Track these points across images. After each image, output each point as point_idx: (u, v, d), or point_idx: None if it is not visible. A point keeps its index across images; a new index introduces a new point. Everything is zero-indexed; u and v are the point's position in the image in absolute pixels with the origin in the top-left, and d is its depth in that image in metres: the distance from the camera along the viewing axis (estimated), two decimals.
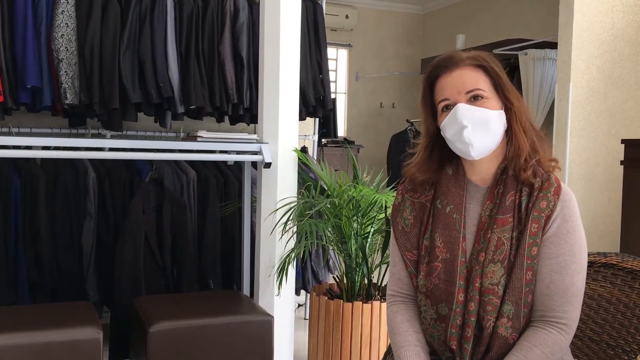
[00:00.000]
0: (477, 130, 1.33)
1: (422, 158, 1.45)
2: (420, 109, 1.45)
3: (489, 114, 1.34)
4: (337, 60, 7.59)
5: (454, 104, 1.35)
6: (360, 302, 2.52)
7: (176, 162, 3.13)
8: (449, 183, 1.42)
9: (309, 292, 3.41)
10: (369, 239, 2.61)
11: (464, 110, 1.33)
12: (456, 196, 1.40)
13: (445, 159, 1.44)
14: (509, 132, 1.37)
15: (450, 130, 1.36)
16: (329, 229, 2.63)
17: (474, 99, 1.35)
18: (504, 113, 1.37)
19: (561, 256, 1.31)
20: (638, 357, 1.43)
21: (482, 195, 1.39)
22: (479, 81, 1.36)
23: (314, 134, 3.83)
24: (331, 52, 7.26)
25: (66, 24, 2.78)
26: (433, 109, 1.42)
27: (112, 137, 3.22)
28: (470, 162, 1.40)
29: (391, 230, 1.49)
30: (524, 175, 1.34)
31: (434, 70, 1.40)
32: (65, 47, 2.78)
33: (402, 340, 1.40)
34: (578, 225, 1.34)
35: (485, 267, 1.32)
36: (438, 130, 1.41)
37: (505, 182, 1.36)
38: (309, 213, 2.55)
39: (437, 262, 1.37)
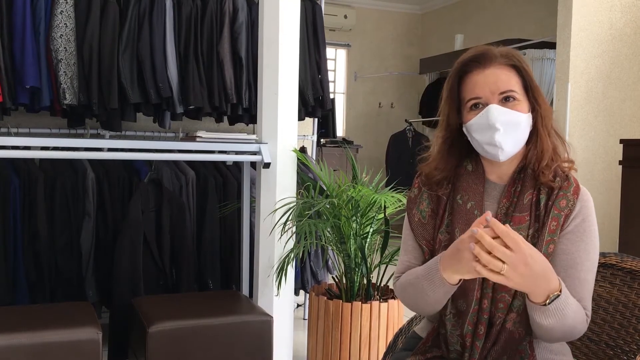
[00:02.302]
0: (508, 133, 1.30)
1: (440, 154, 1.42)
2: (443, 102, 1.40)
3: (520, 117, 1.32)
4: (336, 60, 7.59)
5: (485, 104, 1.32)
6: (360, 302, 2.52)
7: (175, 163, 3.12)
8: (470, 179, 1.40)
9: (308, 292, 3.41)
10: (368, 239, 2.62)
11: (496, 112, 1.30)
12: (477, 193, 1.38)
13: (463, 154, 1.42)
14: (534, 135, 1.35)
15: (480, 131, 1.33)
16: (328, 229, 2.63)
17: (506, 100, 1.32)
18: (531, 115, 1.35)
19: (576, 252, 1.31)
20: (637, 357, 1.44)
21: (499, 193, 1.38)
22: (512, 82, 1.33)
23: (313, 134, 3.83)
24: (330, 52, 7.27)
25: (65, 24, 2.78)
26: (457, 103, 1.38)
27: (111, 137, 3.22)
28: (491, 161, 1.38)
29: (405, 221, 1.47)
30: (543, 179, 1.33)
31: (465, 65, 1.35)
32: (64, 48, 2.78)
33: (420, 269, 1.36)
34: (594, 225, 1.34)
35: None
36: (460, 125, 1.39)
37: (523, 181, 1.35)
38: (308, 213, 2.55)
39: None
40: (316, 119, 3.82)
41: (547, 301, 1.19)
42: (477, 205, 1.37)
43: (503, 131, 1.30)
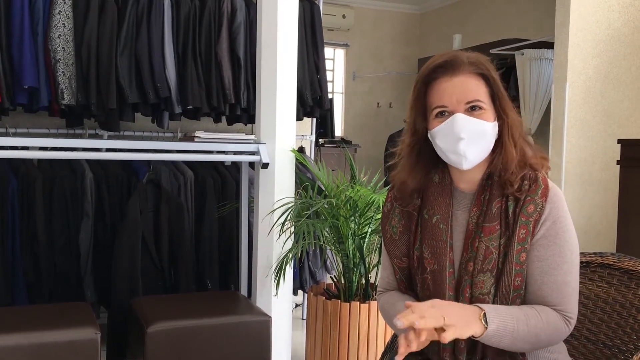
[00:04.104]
0: (473, 142, 1.29)
1: (409, 162, 1.41)
2: (410, 107, 1.39)
3: (485, 127, 1.30)
4: (334, 60, 7.59)
5: (451, 113, 1.30)
6: (358, 302, 2.52)
7: (173, 163, 3.12)
8: (436, 192, 1.39)
9: (306, 292, 3.42)
10: (366, 239, 2.62)
11: (462, 121, 1.29)
12: (442, 205, 1.38)
13: (430, 162, 1.41)
14: (499, 143, 1.34)
15: (444, 139, 1.32)
16: (327, 229, 2.64)
17: (472, 109, 1.30)
18: (497, 124, 1.33)
19: (551, 257, 1.30)
20: (634, 357, 1.44)
21: (469, 201, 1.37)
22: (480, 92, 1.31)
23: (311, 134, 3.83)
24: (328, 51, 7.27)
25: (63, 24, 2.78)
26: (424, 109, 1.36)
27: (110, 137, 3.22)
28: (458, 169, 1.37)
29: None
30: (509, 189, 1.32)
31: (432, 72, 1.33)
32: (62, 48, 2.78)
33: (397, 305, 1.41)
34: (567, 225, 1.32)
35: (475, 277, 1.31)
36: (426, 131, 1.37)
37: (491, 188, 1.35)
38: (306, 213, 2.56)
39: (426, 274, 1.36)
40: (314, 119, 3.82)
41: (484, 324, 1.22)
42: (442, 218, 1.37)
43: (467, 140, 1.29)
